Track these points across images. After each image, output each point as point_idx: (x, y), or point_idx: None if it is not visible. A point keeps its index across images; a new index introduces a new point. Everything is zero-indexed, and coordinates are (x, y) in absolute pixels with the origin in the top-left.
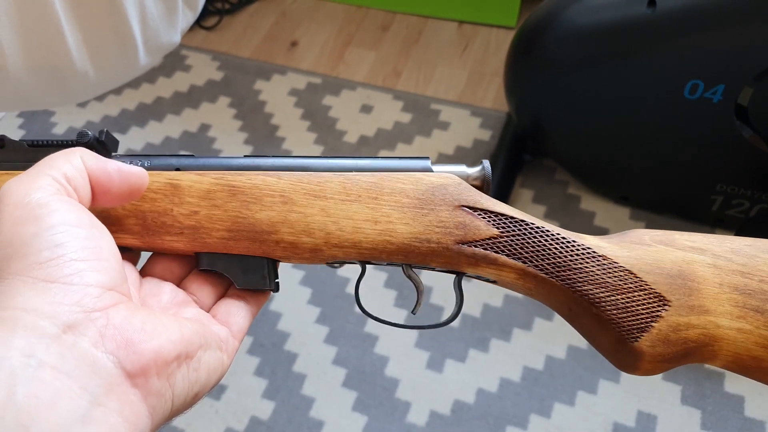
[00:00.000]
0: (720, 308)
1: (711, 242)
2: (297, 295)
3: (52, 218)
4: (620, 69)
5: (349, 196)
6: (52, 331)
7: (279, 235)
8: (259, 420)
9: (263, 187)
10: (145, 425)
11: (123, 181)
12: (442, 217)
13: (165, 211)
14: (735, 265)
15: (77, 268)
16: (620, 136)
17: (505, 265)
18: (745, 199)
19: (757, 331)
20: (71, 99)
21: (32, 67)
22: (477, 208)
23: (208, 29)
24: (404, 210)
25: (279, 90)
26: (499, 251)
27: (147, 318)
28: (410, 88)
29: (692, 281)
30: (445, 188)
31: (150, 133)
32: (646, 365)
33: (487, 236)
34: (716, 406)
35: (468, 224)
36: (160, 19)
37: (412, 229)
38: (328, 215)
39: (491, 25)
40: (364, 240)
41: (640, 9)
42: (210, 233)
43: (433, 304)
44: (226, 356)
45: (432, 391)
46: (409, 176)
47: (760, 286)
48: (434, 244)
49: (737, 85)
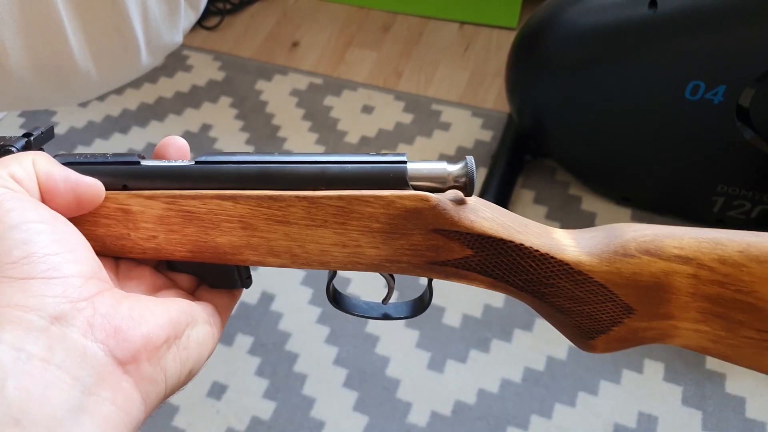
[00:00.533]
0: (684, 315)
1: (703, 249)
2: (298, 296)
3: (12, 218)
4: (621, 70)
5: (314, 221)
6: (39, 323)
7: (243, 256)
8: (260, 420)
9: (219, 212)
10: (139, 411)
11: (68, 190)
12: (414, 242)
13: (122, 236)
14: (717, 276)
15: (53, 262)
16: (621, 136)
17: (476, 279)
18: (746, 200)
19: (714, 332)
20: (73, 99)
21: (35, 66)
22: (453, 231)
23: (210, 29)
24: (374, 234)
25: (280, 90)
26: (470, 269)
27: (134, 304)
28: (411, 88)
29: (665, 293)
30: (420, 214)
31: (151, 133)
32: (599, 351)
33: (461, 256)
34: (717, 407)
35: (441, 246)
36: (163, 19)
37: (382, 253)
38: (293, 240)
39: (492, 25)
40: (332, 261)
41: (641, 10)
42: (173, 254)
43: (434, 305)
44: (215, 328)
45: (433, 392)
46: (379, 199)
47: (733, 296)
48: (404, 264)
49: (738, 86)
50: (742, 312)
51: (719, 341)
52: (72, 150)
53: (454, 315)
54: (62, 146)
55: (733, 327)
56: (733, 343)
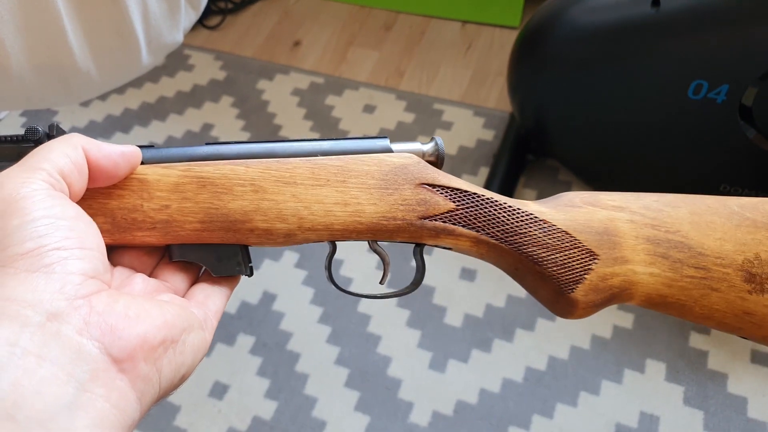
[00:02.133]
0: (636, 257)
1: (628, 200)
2: (299, 296)
3: (37, 211)
4: (623, 69)
5: (318, 181)
6: (35, 319)
7: (253, 223)
8: (262, 420)
9: (232, 176)
10: (134, 410)
11: (127, 163)
12: (405, 196)
13: (135, 207)
14: (647, 219)
15: (59, 256)
16: (623, 136)
17: (462, 234)
18: None
19: (664, 273)
20: (74, 98)
21: (35, 66)
22: (436, 185)
23: (211, 29)
24: (371, 191)
25: (282, 90)
26: (456, 223)
27: (130, 304)
28: (413, 88)
29: (615, 236)
30: (407, 168)
31: (153, 133)
32: (579, 311)
33: (446, 210)
34: (719, 407)
35: (428, 200)
36: (163, 19)
37: (379, 209)
38: (300, 201)
39: (494, 24)
40: (335, 222)
41: (643, 9)
42: (183, 226)
43: (436, 305)
44: (208, 334)
45: (434, 392)
46: (372, 158)
47: (665, 236)
48: (400, 221)
49: (741, 86)
50: (677, 250)
51: (671, 284)
52: None
53: (456, 315)
54: None
55: (676, 266)
56: (682, 285)
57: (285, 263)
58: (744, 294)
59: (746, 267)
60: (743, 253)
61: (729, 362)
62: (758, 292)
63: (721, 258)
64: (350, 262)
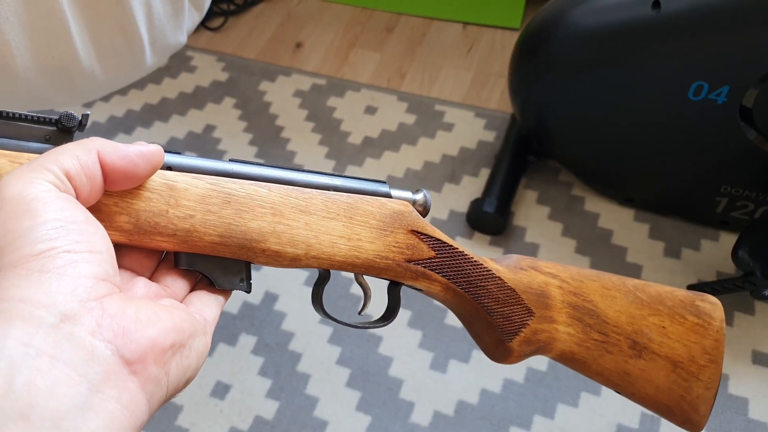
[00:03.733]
0: (560, 318)
1: (559, 269)
2: (301, 296)
3: (47, 214)
4: (624, 70)
5: (329, 214)
6: (49, 320)
7: (267, 244)
8: (263, 419)
9: (255, 197)
10: (143, 411)
11: (147, 163)
12: (398, 239)
13: (160, 212)
14: (572, 287)
15: (70, 259)
16: (624, 137)
17: (436, 280)
18: (749, 200)
19: (577, 335)
20: (78, 99)
21: (40, 66)
22: (423, 233)
23: (214, 30)
24: (372, 230)
25: (284, 91)
26: (433, 269)
27: (141, 307)
28: (415, 89)
29: (547, 298)
30: (403, 215)
31: (155, 134)
32: (512, 358)
33: (427, 257)
34: (720, 408)
35: (416, 246)
36: (167, 20)
37: (376, 248)
38: (311, 230)
39: (496, 26)
40: (338, 254)
41: (644, 11)
42: (202, 237)
43: (437, 306)
44: (209, 339)
45: (436, 392)
46: (375, 200)
47: (583, 304)
48: (390, 261)
49: (742, 87)
50: (589, 317)
51: (581, 344)
52: None
53: None
54: None
55: (587, 329)
56: (588, 345)
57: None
58: (627, 358)
59: (632, 336)
60: (632, 324)
61: (730, 363)
62: (636, 357)
63: (617, 327)
64: None
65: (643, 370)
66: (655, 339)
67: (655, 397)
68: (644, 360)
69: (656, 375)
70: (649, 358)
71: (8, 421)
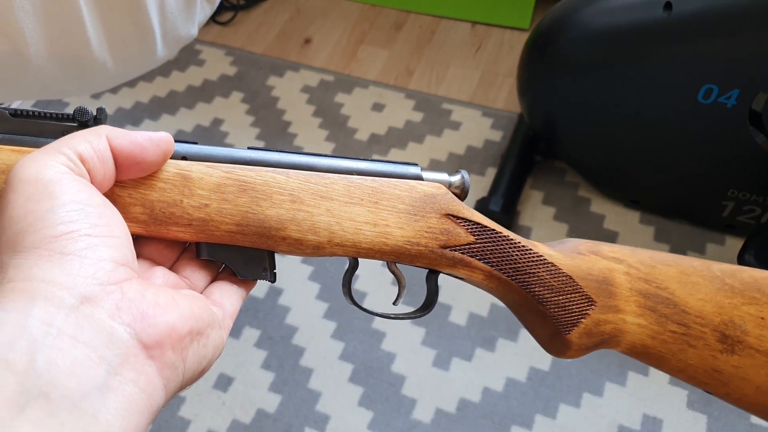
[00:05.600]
0: (628, 308)
1: (626, 253)
2: (305, 291)
3: (66, 196)
4: (634, 72)
5: (352, 199)
6: (70, 301)
7: (286, 232)
8: (266, 413)
9: (273, 184)
10: (160, 396)
11: (156, 148)
12: (431, 224)
13: (174, 202)
14: (641, 273)
15: (91, 242)
16: (632, 139)
17: (477, 267)
18: (756, 205)
19: (650, 326)
20: (89, 89)
21: (53, 55)
22: (460, 217)
23: (223, 24)
24: (400, 215)
25: (292, 86)
26: (473, 256)
27: (159, 292)
28: (422, 87)
29: (611, 286)
30: (435, 198)
31: (163, 126)
32: (572, 352)
33: (466, 242)
34: (722, 411)
35: (451, 231)
36: (179, 12)
37: (406, 233)
38: (333, 216)
39: (504, 26)
40: (363, 241)
41: (655, 12)
42: (219, 226)
43: (441, 303)
44: (225, 333)
45: (438, 389)
46: (404, 183)
47: (656, 291)
48: (423, 248)
49: (752, 91)
50: (664, 306)
51: (655, 337)
52: None
53: (461, 313)
54: None
55: (662, 320)
56: (664, 338)
57: (292, 259)
58: (716, 353)
59: (721, 328)
60: (720, 315)
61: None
62: (728, 353)
63: (701, 318)
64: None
65: (737, 367)
66: (752, 332)
67: (754, 398)
68: (738, 356)
69: (755, 373)
70: (744, 353)
71: (30, 399)
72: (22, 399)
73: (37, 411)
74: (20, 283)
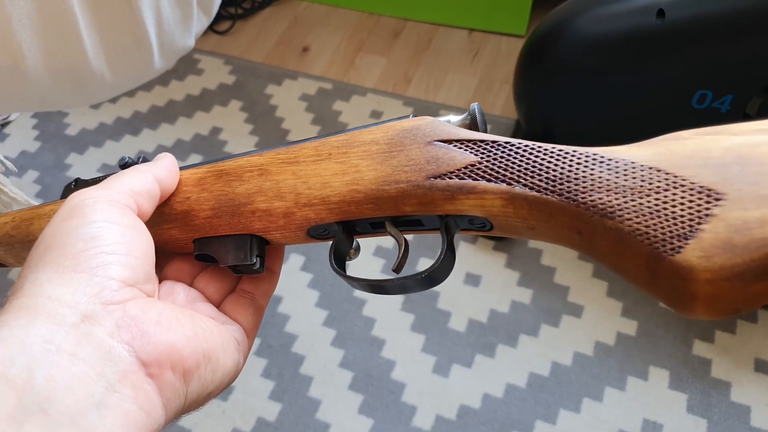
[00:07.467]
0: None
1: None
2: (305, 298)
3: (96, 215)
4: (629, 78)
5: (320, 156)
6: (71, 319)
7: (254, 204)
8: (266, 421)
9: (245, 165)
10: (159, 415)
11: (175, 175)
12: (411, 156)
13: (163, 203)
14: None
15: (105, 260)
16: (627, 144)
17: (486, 191)
18: None
19: None
20: (87, 100)
21: (51, 68)
22: (452, 140)
23: (221, 34)
24: (372, 157)
25: (290, 95)
26: (477, 178)
27: (163, 312)
28: (420, 94)
29: (758, 165)
30: (417, 129)
31: (162, 136)
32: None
33: (463, 165)
34: (722, 416)
35: (441, 157)
36: (176, 24)
37: (379, 174)
38: (298, 177)
39: (501, 33)
40: (331, 194)
41: (649, 19)
42: (198, 215)
43: (440, 310)
44: (242, 357)
45: (438, 396)
46: (380, 127)
47: None
48: (403, 184)
49: (746, 96)
50: None
51: None
52: (83, 151)
53: (460, 320)
54: (74, 147)
55: None
56: None
57: (291, 266)
58: None
59: None
60: None
61: (733, 371)
62: None
63: None
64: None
65: None
66: None
67: None
68: None
69: None
70: None
71: (28, 415)
72: (21, 414)
73: (36, 426)
74: (28, 299)
